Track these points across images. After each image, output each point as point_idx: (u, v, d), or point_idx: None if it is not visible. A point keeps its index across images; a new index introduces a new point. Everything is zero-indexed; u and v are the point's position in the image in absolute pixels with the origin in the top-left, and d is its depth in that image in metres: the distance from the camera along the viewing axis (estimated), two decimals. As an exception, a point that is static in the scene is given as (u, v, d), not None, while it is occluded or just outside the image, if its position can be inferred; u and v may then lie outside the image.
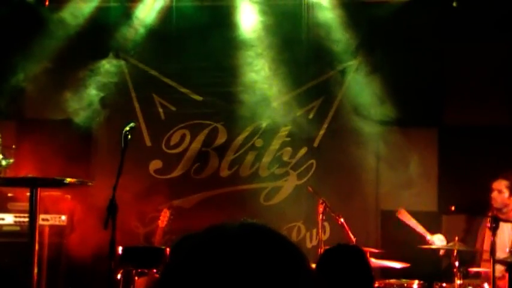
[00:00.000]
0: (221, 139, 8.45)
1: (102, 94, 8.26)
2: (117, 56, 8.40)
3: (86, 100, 8.19)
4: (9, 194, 7.33)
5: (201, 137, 8.46)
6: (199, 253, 1.23)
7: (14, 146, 7.54)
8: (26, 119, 8.63)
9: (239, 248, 1.21)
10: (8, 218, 7.28)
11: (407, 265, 6.77)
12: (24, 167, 7.00)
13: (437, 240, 6.83)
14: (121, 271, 6.43)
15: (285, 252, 1.24)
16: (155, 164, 8.47)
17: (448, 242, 6.76)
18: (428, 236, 6.87)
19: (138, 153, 7.79)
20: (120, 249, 6.44)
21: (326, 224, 7.41)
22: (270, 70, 8.26)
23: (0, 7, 8.10)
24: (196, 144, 8.46)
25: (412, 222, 6.94)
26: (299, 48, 8.26)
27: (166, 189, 8.31)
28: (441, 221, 7.89)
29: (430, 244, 6.82)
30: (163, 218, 7.54)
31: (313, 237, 8.08)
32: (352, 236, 6.70)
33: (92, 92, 8.22)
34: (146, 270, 6.49)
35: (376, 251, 6.87)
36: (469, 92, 8.06)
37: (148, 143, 8.47)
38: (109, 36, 8.33)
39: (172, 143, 8.49)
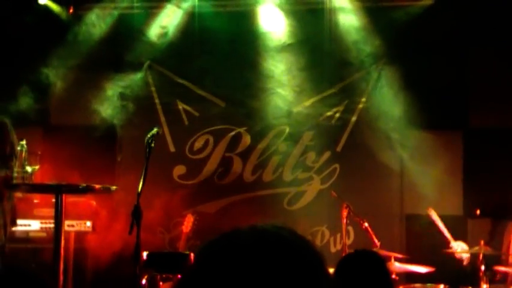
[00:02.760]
0: (244, 144, 8.46)
1: (125, 100, 8.32)
2: (140, 62, 8.46)
3: (109, 103, 8.25)
4: (35, 200, 7.39)
5: (224, 142, 8.48)
6: (210, 264, 1.24)
7: (39, 152, 7.60)
8: (51, 125, 8.70)
9: (249, 257, 1.21)
10: (35, 224, 7.35)
11: (433, 269, 6.72)
12: (50, 173, 7.06)
13: (460, 248, 6.80)
14: (146, 276, 6.46)
15: (296, 260, 1.23)
16: (179, 170, 8.50)
17: (472, 247, 6.71)
18: (452, 242, 6.84)
19: (162, 158, 7.83)
20: (144, 254, 6.47)
21: (350, 228, 7.40)
22: (293, 75, 8.26)
23: (25, 15, 8.19)
24: (220, 150, 8.48)
25: (440, 224, 6.91)
26: (322, 53, 8.25)
27: (190, 195, 8.32)
28: (466, 224, 7.83)
29: (453, 250, 6.79)
30: (188, 224, 7.57)
31: (337, 241, 8.06)
32: (376, 241, 6.67)
33: (116, 97, 8.27)
34: (171, 276, 6.51)
35: (401, 255, 6.83)
36: (493, 95, 8.00)
37: (172, 148, 8.51)
38: (132, 42, 8.39)
39: (195, 148, 8.52)
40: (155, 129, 5.20)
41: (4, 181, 5.01)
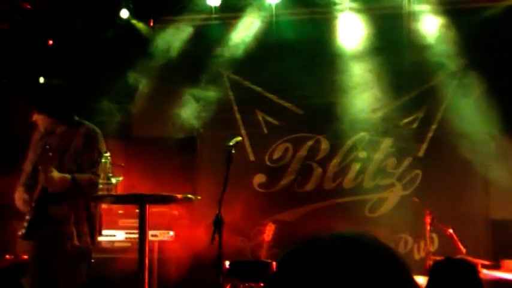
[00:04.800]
0: (324, 151, 8.43)
1: (204, 110, 8.40)
2: (219, 73, 8.55)
3: (188, 114, 8.35)
4: (120, 211, 7.54)
5: (304, 150, 8.47)
6: (292, 272, 1.23)
7: (122, 164, 7.76)
8: (133, 137, 8.87)
9: (332, 265, 1.20)
10: (119, 235, 7.50)
11: (522, 276, 6.53)
12: (133, 184, 7.19)
13: None
14: (228, 285, 6.49)
15: (380, 267, 1.21)
16: (259, 178, 8.53)
17: None
18: None
19: (242, 167, 7.87)
20: (227, 263, 6.51)
21: (434, 235, 7.25)
22: (372, 81, 8.18)
23: (107, 29, 8.38)
24: (299, 157, 8.48)
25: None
26: (401, 58, 8.14)
27: (271, 203, 8.35)
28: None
29: None
30: (269, 232, 7.58)
31: (421, 248, 7.92)
32: (461, 247, 6.53)
33: (195, 108, 8.37)
34: (253, 284, 6.53)
35: (488, 262, 6.65)
36: None
37: (251, 157, 8.55)
38: (211, 53, 8.48)
39: (275, 156, 8.54)
40: (236, 138, 5.23)
41: (88, 183, 5.11)
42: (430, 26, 8.08)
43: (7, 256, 7.05)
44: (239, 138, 5.29)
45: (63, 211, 5.09)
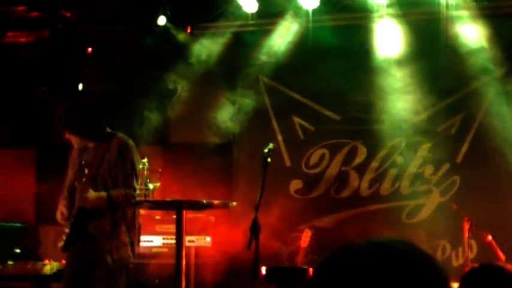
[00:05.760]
0: (361, 157, 8.39)
1: (240, 116, 8.42)
2: (256, 78, 8.57)
3: (225, 119, 8.37)
4: (157, 217, 7.59)
5: (340, 156, 8.44)
6: (329, 278, 1.23)
7: (160, 170, 7.79)
8: (171, 143, 8.93)
9: (369, 271, 1.20)
10: (157, 240, 7.55)
11: None
12: (170, 190, 7.24)
13: None
14: (265, 291, 6.50)
15: (418, 274, 1.20)
16: (295, 184, 8.52)
17: None
18: None
19: (278, 173, 7.87)
20: (264, 269, 6.52)
21: (472, 241, 7.18)
22: (408, 86, 8.12)
23: (145, 36, 8.46)
24: (336, 164, 8.45)
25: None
26: (438, 63, 8.07)
27: (307, 209, 8.33)
28: None
29: None
30: (305, 238, 7.57)
31: (460, 255, 7.84)
32: (501, 254, 6.45)
33: (231, 113, 8.40)
34: (290, 290, 6.53)
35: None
36: None
37: (288, 163, 8.55)
38: (248, 58, 8.50)
39: (311, 162, 8.52)
40: (271, 144, 5.24)
41: (124, 199, 5.18)
42: (469, 31, 7.99)
43: (46, 260, 7.14)
44: (274, 145, 5.29)
45: (102, 226, 5.17)
